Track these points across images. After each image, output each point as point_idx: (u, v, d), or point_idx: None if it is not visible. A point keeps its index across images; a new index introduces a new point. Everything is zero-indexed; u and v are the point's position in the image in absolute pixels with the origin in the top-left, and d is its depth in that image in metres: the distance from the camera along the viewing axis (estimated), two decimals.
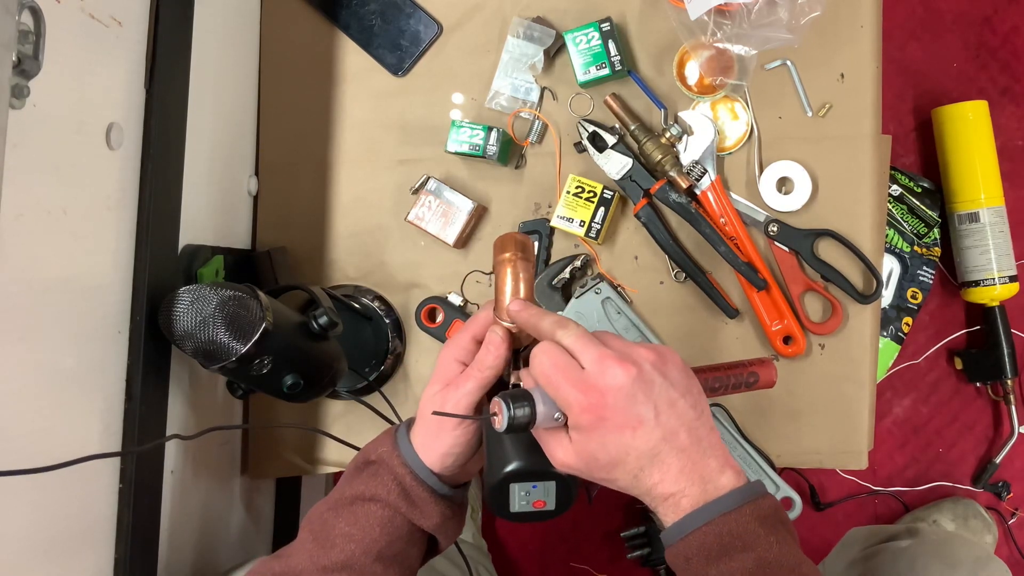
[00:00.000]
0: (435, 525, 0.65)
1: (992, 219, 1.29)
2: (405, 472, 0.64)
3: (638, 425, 0.57)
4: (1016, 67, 1.40)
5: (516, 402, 0.58)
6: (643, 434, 0.57)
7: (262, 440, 1.03)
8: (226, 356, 0.75)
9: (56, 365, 0.69)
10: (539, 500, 0.61)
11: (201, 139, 0.86)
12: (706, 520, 0.57)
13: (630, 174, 0.95)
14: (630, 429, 0.57)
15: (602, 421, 0.56)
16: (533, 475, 0.60)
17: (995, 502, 1.39)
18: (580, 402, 0.57)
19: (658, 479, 0.57)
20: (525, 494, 0.61)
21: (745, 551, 0.56)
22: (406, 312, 1.00)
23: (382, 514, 0.63)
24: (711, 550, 0.56)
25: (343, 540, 0.63)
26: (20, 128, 0.61)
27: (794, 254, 0.95)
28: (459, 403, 0.63)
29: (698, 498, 0.57)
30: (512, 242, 0.66)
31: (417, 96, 1.00)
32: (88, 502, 0.73)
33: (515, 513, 0.61)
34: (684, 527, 0.57)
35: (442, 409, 0.63)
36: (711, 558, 0.56)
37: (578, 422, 0.57)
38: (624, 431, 0.57)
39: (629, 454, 0.57)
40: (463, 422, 0.63)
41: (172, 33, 0.80)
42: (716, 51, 0.91)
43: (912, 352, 1.39)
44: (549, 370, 0.58)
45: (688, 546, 0.57)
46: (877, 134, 0.95)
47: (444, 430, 0.64)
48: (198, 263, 0.85)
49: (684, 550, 0.57)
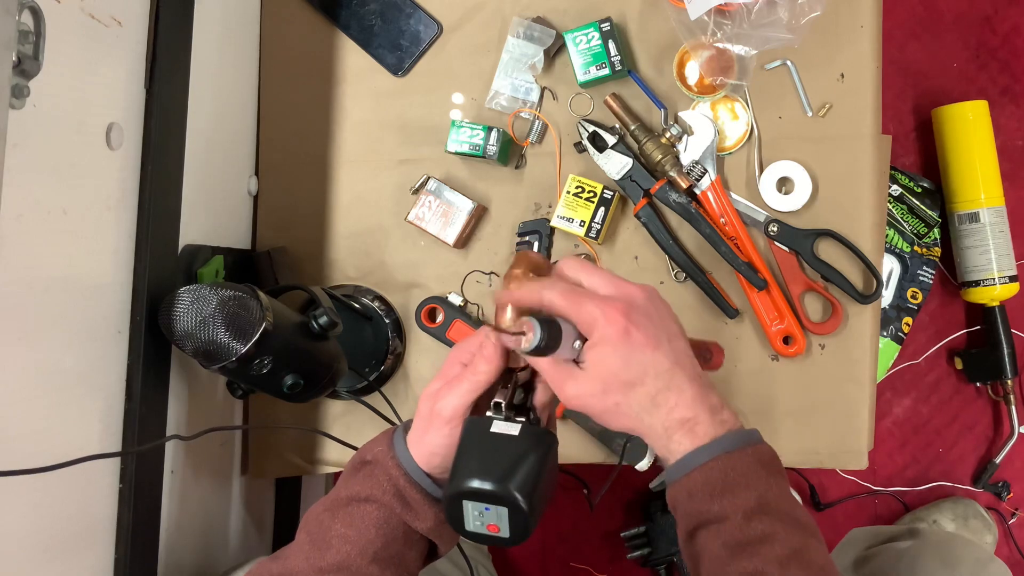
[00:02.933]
0: (429, 528, 0.64)
1: (992, 219, 1.29)
2: (399, 473, 0.63)
3: (656, 344, 0.59)
4: (1016, 67, 1.40)
5: (544, 321, 0.58)
6: (661, 354, 0.59)
7: (262, 440, 1.03)
8: (226, 356, 0.75)
9: (56, 365, 0.69)
10: (492, 524, 0.58)
11: (201, 139, 0.86)
12: (711, 456, 0.58)
13: (630, 174, 0.95)
14: (651, 347, 0.58)
15: (627, 333, 0.58)
16: (487, 496, 0.57)
17: (995, 502, 1.39)
18: (606, 313, 0.58)
19: (675, 402, 0.59)
20: (479, 514, 0.58)
21: (747, 489, 0.57)
22: (406, 312, 1.00)
23: (378, 515, 0.63)
24: (715, 486, 0.57)
25: (339, 541, 0.63)
26: (20, 128, 0.61)
27: (794, 254, 0.95)
28: (451, 403, 0.63)
29: (708, 426, 0.59)
30: (524, 260, 0.65)
31: (417, 96, 1.00)
32: (88, 502, 0.73)
33: (470, 532, 0.59)
34: (689, 463, 0.58)
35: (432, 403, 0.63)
36: (714, 493, 0.57)
37: (604, 333, 0.58)
38: (646, 348, 0.58)
39: (648, 373, 0.58)
40: (452, 421, 0.62)
41: (172, 33, 0.80)
42: (716, 51, 0.91)
43: (912, 352, 1.39)
44: (565, 296, 0.59)
45: (692, 481, 0.58)
46: (877, 134, 0.95)
47: (431, 428, 0.63)
48: (198, 263, 0.86)
49: (688, 485, 0.58)
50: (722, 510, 0.57)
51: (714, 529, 0.58)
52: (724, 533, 0.57)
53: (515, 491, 0.57)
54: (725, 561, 0.57)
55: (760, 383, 0.96)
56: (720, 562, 0.57)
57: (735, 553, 0.56)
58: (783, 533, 0.56)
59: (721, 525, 0.57)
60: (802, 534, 0.57)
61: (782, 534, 0.56)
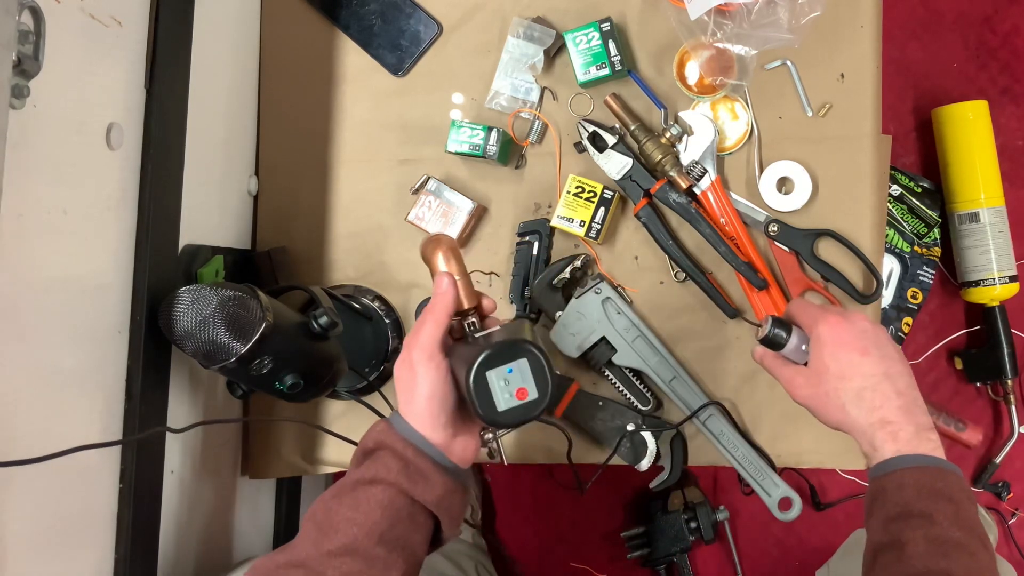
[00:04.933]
0: (437, 498, 0.65)
1: (992, 219, 1.29)
2: (405, 446, 0.65)
3: (865, 352, 0.71)
4: (1016, 67, 1.40)
5: (777, 322, 0.76)
6: (869, 361, 0.71)
7: (262, 440, 1.03)
8: (226, 356, 0.75)
9: (56, 365, 0.69)
10: (520, 388, 0.62)
11: (201, 139, 0.86)
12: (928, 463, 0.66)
13: (630, 174, 0.95)
14: (859, 352, 0.71)
15: (839, 337, 0.72)
16: (505, 355, 0.62)
17: (995, 502, 1.39)
18: (825, 318, 0.73)
19: (880, 403, 0.69)
20: (504, 384, 0.62)
21: (950, 502, 0.64)
22: (406, 312, 1.00)
23: (382, 496, 0.64)
24: (926, 488, 0.65)
25: (345, 524, 0.63)
26: (20, 128, 0.61)
27: (794, 254, 0.95)
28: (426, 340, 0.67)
29: (912, 439, 0.68)
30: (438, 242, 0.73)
31: (417, 96, 1.00)
32: (88, 502, 0.73)
33: (504, 412, 0.63)
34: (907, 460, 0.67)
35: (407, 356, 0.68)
36: (924, 494, 0.64)
37: (819, 333, 0.73)
38: (854, 351, 0.71)
39: (857, 372, 0.70)
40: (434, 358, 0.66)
41: (172, 33, 0.80)
42: (716, 51, 0.91)
43: (912, 352, 1.39)
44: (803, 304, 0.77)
45: (906, 476, 0.66)
46: (877, 134, 0.95)
47: (417, 376, 0.66)
48: (198, 263, 0.86)
49: (900, 478, 0.66)
50: (928, 509, 0.64)
51: (918, 522, 0.64)
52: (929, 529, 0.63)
53: (526, 340, 0.63)
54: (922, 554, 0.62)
55: (760, 383, 0.96)
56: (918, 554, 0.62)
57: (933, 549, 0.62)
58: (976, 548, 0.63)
59: (927, 521, 0.63)
60: (990, 557, 0.64)
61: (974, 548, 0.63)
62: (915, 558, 0.62)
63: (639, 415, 0.96)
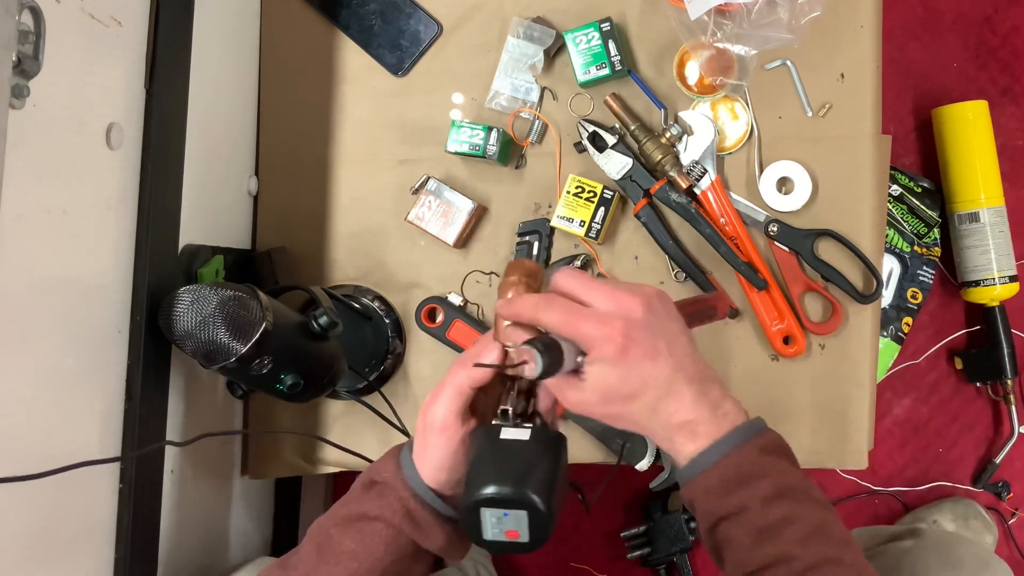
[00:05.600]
0: (440, 547, 0.64)
1: (992, 219, 1.29)
2: (409, 495, 0.63)
3: (655, 356, 0.59)
4: (1016, 67, 1.40)
5: (545, 347, 0.58)
6: (660, 364, 0.60)
7: (262, 441, 1.03)
8: (226, 356, 0.75)
9: (56, 365, 0.69)
10: (511, 530, 0.58)
11: (201, 139, 0.86)
12: (722, 454, 0.60)
13: (630, 174, 0.95)
14: (649, 360, 0.59)
15: (625, 352, 0.58)
16: (505, 502, 0.57)
17: (995, 502, 1.38)
18: (604, 334, 0.58)
19: (674, 408, 0.60)
20: (497, 521, 0.58)
21: (762, 478, 0.59)
22: (406, 312, 1.00)
23: (387, 533, 0.63)
24: (730, 481, 0.59)
25: (347, 558, 0.63)
26: (20, 128, 0.61)
27: (794, 254, 0.95)
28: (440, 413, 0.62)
29: (710, 424, 0.60)
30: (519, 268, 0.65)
31: (417, 96, 1.00)
32: (88, 502, 0.73)
33: (488, 541, 0.59)
34: (701, 462, 0.60)
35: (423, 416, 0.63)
36: (730, 488, 0.59)
37: (602, 353, 0.58)
38: (644, 361, 0.59)
39: (648, 385, 0.59)
40: (447, 430, 0.62)
41: (172, 33, 0.80)
42: (716, 51, 0.91)
43: (912, 352, 1.39)
44: (563, 314, 0.59)
45: (708, 479, 0.60)
46: (877, 134, 0.95)
47: (428, 442, 0.63)
48: (198, 263, 0.85)
49: (704, 483, 0.60)
50: (740, 501, 0.59)
51: (735, 519, 0.59)
52: (745, 522, 0.59)
53: (533, 494, 0.57)
54: (749, 548, 0.58)
55: (760, 383, 0.96)
56: (744, 549, 0.59)
57: (758, 539, 0.58)
58: (802, 512, 0.58)
59: (741, 515, 0.59)
60: (820, 510, 0.59)
61: (801, 513, 0.58)
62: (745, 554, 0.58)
63: None
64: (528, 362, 0.58)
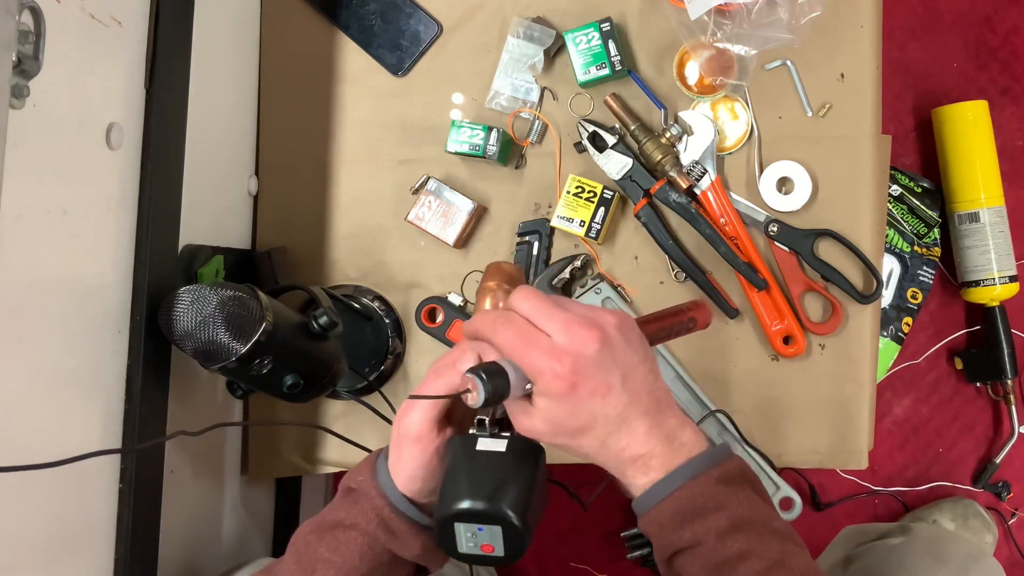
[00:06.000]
0: (417, 555, 0.63)
1: (992, 219, 1.29)
2: (383, 503, 0.62)
3: (607, 392, 0.57)
4: (1016, 67, 1.40)
5: (489, 375, 0.56)
6: (612, 400, 0.57)
7: (262, 440, 1.03)
8: (226, 356, 0.75)
9: (56, 365, 0.69)
10: (487, 544, 0.57)
11: (201, 139, 0.86)
12: (676, 486, 0.58)
13: (630, 174, 0.95)
14: (600, 396, 0.57)
15: (574, 388, 0.56)
16: (479, 517, 0.55)
17: (995, 502, 1.38)
18: (552, 369, 0.56)
19: (626, 443, 0.58)
20: (471, 536, 0.56)
21: (718, 511, 0.57)
22: (406, 312, 1.00)
23: (362, 542, 0.62)
24: (684, 514, 0.57)
25: (324, 566, 0.62)
26: (20, 128, 0.61)
27: (794, 254, 0.95)
28: (413, 422, 0.61)
29: (665, 457, 0.58)
30: (497, 272, 0.63)
31: (417, 96, 1.00)
32: (88, 502, 0.73)
33: (462, 554, 0.58)
34: (655, 495, 0.58)
35: (397, 424, 0.62)
36: (684, 521, 0.57)
37: (549, 389, 0.56)
38: (595, 398, 0.56)
39: (597, 420, 0.57)
40: (421, 440, 0.61)
41: (172, 33, 0.80)
42: (716, 51, 0.91)
43: (912, 352, 1.39)
44: (514, 340, 0.57)
45: (661, 512, 0.58)
46: (877, 134, 0.95)
47: (403, 451, 0.62)
48: (198, 263, 0.85)
49: (657, 516, 0.58)
50: (694, 536, 0.57)
51: (690, 553, 0.57)
52: (701, 557, 0.57)
53: (508, 508, 0.55)
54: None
55: (760, 383, 0.96)
56: None
57: (714, 574, 0.56)
58: (759, 547, 0.56)
59: (696, 550, 0.57)
60: (780, 543, 0.57)
61: (759, 548, 0.56)
62: None
63: None
64: (471, 391, 0.55)
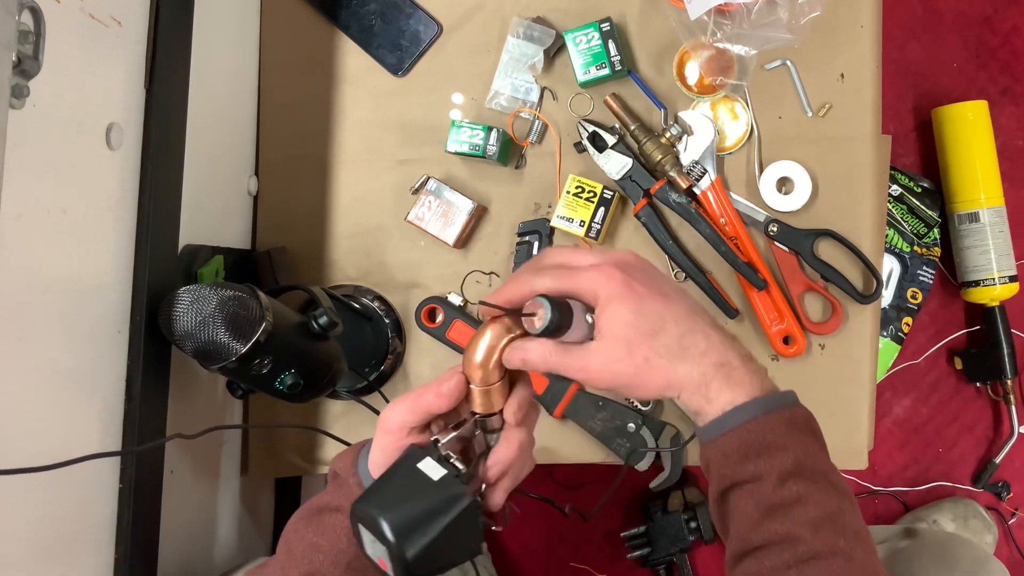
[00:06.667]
0: None
1: (992, 219, 1.29)
2: (360, 490, 0.62)
3: (663, 294, 0.58)
4: (1016, 67, 1.40)
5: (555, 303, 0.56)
6: (672, 302, 0.58)
7: (262, 440, 1.03)
8: (226, 356, 0.75)
9: (56, 365, 0.69)
10: (382, 560, 0.56)
11: (201, 139, 0.86)
12: (750, 416, 0.57)
13: (630, 174, 0.95)
14: (659, 296, 0.57)
15: (630, 286, 0.57)
16: (378, 533, 0.55)
17: (995, 502, 1.39)
18: (604, 274, 0.57)
19: (704, 346, 0.57)
20: (371, 543, 0.56)
21: (784, 450, 0.56)
22: (406, 312, 1.00)
23: (347, 523, 0.62)
24: (751, 447, 0.56)
25: (311, 550, 0.62)
26: (20, 128, 0.61)
27: (794, 254, 0.95)
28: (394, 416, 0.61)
29: (744, 373, 0.58)
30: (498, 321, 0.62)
31: (417, 96, 1.00)
32: (88, 502, 0.73)
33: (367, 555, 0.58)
34: (725, 422, 0.57)
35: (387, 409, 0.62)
36: (749, 455, 0.56)
37: (609, 293, 0.56)
38: (655, 297, 0.57)
39: (666, 319, 0.57)
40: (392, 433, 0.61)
41: (172, 33, 0.80)
42: (716, 51, 0.91)
43: (912, 352, 1.39)
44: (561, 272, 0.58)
45: (729, 441, 0.57)
46: (877, 134, 0.95)
47: (378, 440, 0.62)
48: (198, 263, 0.85)
49: (724, 445, 0.57)
50: (757, 471, 0.56)
51: (748, 489, 0.57)
52: (757, 494, 0.56)
53: (403, 543, 0.54)
54: (756, 521, 0.56)
55: None
56: (751, 522, 0.56)
57: (767, 514, 0.56)
58: (817, 496, 0.56)
59: (755, 485, 0.56)
60: (837, 497, 0.57)
61: (816, 497, 0.56)
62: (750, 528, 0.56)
63: (639, 415, 0.96)
64: (537, 311, 0.56)
